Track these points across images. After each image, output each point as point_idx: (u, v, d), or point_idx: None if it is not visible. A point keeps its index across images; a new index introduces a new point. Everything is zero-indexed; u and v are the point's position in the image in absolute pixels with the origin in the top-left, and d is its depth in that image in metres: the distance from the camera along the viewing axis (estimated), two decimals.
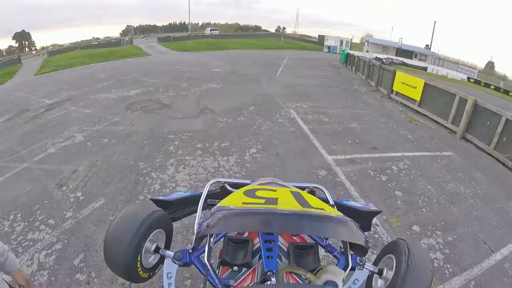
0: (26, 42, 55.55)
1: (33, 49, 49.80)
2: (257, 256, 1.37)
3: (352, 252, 1.22)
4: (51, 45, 44.13)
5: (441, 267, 3.28)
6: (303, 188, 1.50)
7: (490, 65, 70.19)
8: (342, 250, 1.33)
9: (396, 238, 1.33)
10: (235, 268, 1.35)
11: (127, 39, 37.83)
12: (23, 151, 5.55)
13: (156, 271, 1.29)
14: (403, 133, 7.66)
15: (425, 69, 33.73)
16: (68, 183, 4.34)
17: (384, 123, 8.30)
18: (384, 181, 4.95)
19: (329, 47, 42.06)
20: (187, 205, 1.60)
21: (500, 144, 6.66)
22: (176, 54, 27.28)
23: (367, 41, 48.30)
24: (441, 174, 5.60)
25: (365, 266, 1.19)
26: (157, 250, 1.24)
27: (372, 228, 3.84)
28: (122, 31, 67.42)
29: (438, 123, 8.68)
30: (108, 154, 5.28)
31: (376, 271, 1.22)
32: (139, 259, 1.16)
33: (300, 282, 1.21)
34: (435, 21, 49.72)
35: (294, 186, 1.39)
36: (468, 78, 34.52)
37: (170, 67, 16.87)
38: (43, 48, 42.37)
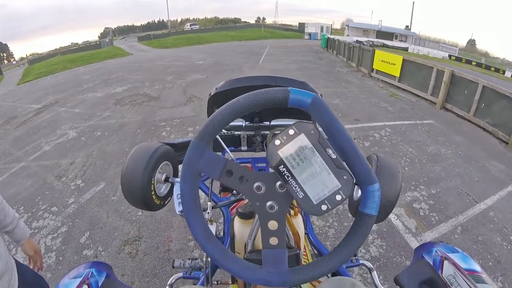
0: (4, 54, 54.26)
1: (12, 60, 48.67)
2: None
3: None
4: (30, 55, 43.21)
5: (427, 216, 3.48)
6: None
7: (472, 42, 71.41)
8: None
9: None
10: (234, 191, 1.52)
11: (107, 40, 37.14)
12: (18, 153, 5.57)
13: (167, 202, 1.48)
14: (384, 106, 7.89)
15: (406, 49, 33.94)
16: (67, 174, 4.42)
17: (365, 98, 8.53)
18: (367, 146, 5.17)
19: (310, 34, 42.01)
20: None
21: (479, 110, 6.92)
22: (158, 51, 26.94)
23: (348, 26, 48.65)
24: (421, 139, 5.84)
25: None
26: (166, 179, 1.44)
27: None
28: (101, 34, 66.35)
29: (418, 96, 8.96)
30: (103, 145, 5.35)
31: (354, 181, 1.43)
32: (152, 182, 1.34)
33: None
34: (413, 2, 50.31)
35: None
36: (449, 56, 34.98)
37: (153, 63, 16.75)
38: (22, 58, 41.48)
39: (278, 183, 0.63)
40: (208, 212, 1.39)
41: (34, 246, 1.55)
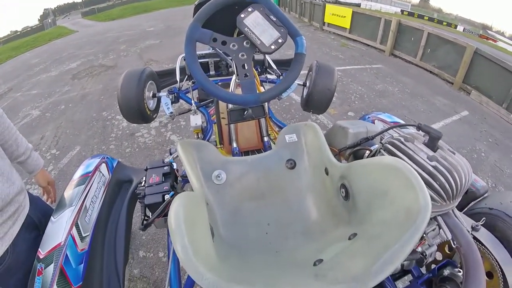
0: None
1: None
2: None
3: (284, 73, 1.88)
4: None
5: None
6: None
7: None
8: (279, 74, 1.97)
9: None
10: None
11: (49, 21, 33.81)
12: None
13: (155, 115, 1.76)
14: (335, 54, 8.14)
15: (358, 5, 33.56)
16: (40, 147, 4.31)
17: (317, 48, 8.71)
18: None
19: None
20: (167, 76, 2.06)
21: (425, 55, 7.34)
22: (105, 24, 24.96)
23: None
24: (370, 80, 6.16)
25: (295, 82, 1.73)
26: (154, 95, 1.72)
27: (313, 116, 4.36)
28: (40, 16, 60.41)
29: (368, 45, 9.22)
30: (69, 115, 5.18)
31: (302, 83, 1.79)
32: (145, 98, 1.59)
33: None
34: None
35: None
36: (402, 11, 35.28)
37: (103, 36, 15.66)
38: None
39: (245, 41, 0.99)
40: (193, 108, 1.68)
41: (47, 177, 1.50)
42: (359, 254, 0.62)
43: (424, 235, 0.80)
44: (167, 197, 0.94)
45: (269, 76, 2.08)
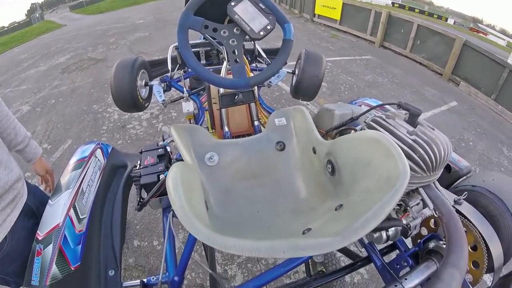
0: None
1: None
2: None
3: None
4: None
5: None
6: None
7: None
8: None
9: None
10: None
11: (37, 15, 33.04)
12: None
13: (147, 104, 1.81)
14: (325, 45, 8.15)
15: None
16: None
17: (308, 40, 8.69)
18: None
19: None
20: (159, 66, 2.09)
21: (415, 46, 7.41)
22: (94, 17, 24.44)
23: None
24: (360, 70, 6.20)
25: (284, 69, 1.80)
26: (146, 84, 1.77)
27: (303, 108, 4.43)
28: (27, 11, 59.10)
29: (358, 36, 9.23)
30: (60, 110, 5.12)
31: (291, 71, 1.82)
32: (137, 87, 1.64)
33: None
34: None
35: None
36: (393, 3, 35.21)
37: (92, 29, 15.40)
38: None
39: (235, 28, 1.03)
40: (185, 96, 1.73)
41: (45, 166, 1.51)
42: (343, 218, 0.66)
43: (408, 208, 0.85)
44: (162, 177, 0.98)
45: (259, 64, 2.12)
